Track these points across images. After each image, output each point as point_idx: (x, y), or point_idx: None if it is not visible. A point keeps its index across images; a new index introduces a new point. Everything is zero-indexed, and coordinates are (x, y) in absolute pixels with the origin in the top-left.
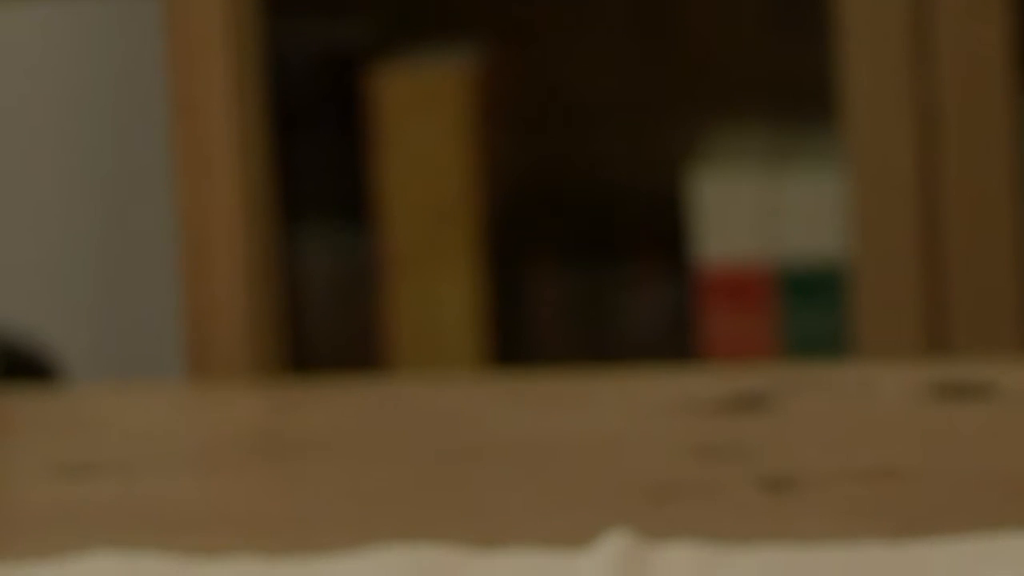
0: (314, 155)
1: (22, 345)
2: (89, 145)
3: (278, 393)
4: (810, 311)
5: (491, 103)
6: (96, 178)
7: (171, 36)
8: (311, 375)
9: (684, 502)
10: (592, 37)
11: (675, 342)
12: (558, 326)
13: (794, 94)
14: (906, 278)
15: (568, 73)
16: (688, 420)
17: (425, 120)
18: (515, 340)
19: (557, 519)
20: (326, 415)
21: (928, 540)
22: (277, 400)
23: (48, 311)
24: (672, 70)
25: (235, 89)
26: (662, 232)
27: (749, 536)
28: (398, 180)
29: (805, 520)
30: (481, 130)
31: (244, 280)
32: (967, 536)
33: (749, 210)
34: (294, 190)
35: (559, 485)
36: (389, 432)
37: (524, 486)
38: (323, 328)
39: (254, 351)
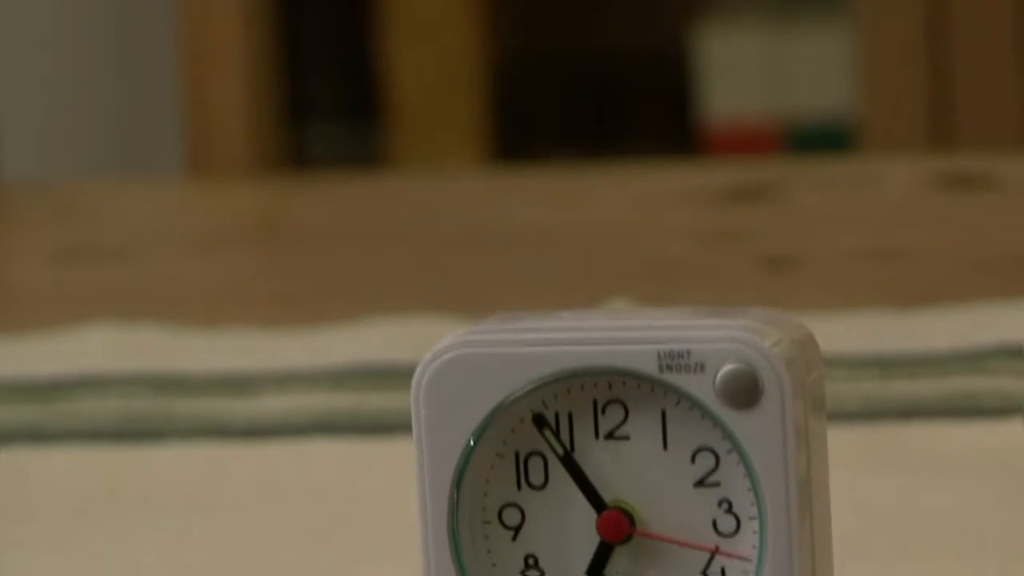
0: None
1: None
2: None
3: (277, 187)
4: None
5: None
6: None
7: None
8: (311, 174)
9: (686, 280)
10: None
11: None
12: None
13: None
14: (912, 79)
15: None
16: (691, 209)
17: None
18: None
19: (557, 297)
20: (326, 206)
21: (929, 311)
22: (276, 193)
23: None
24: None
25: None
26: (667, 90)
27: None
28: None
29: (806, 295)
30: None
31: (244, 79)
32: (968, 307)
33: (755, 67)
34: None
35: (560, 268)
36: (389, 220)
37: (525, 269)
38: (324, 130)
39: (253, 153)
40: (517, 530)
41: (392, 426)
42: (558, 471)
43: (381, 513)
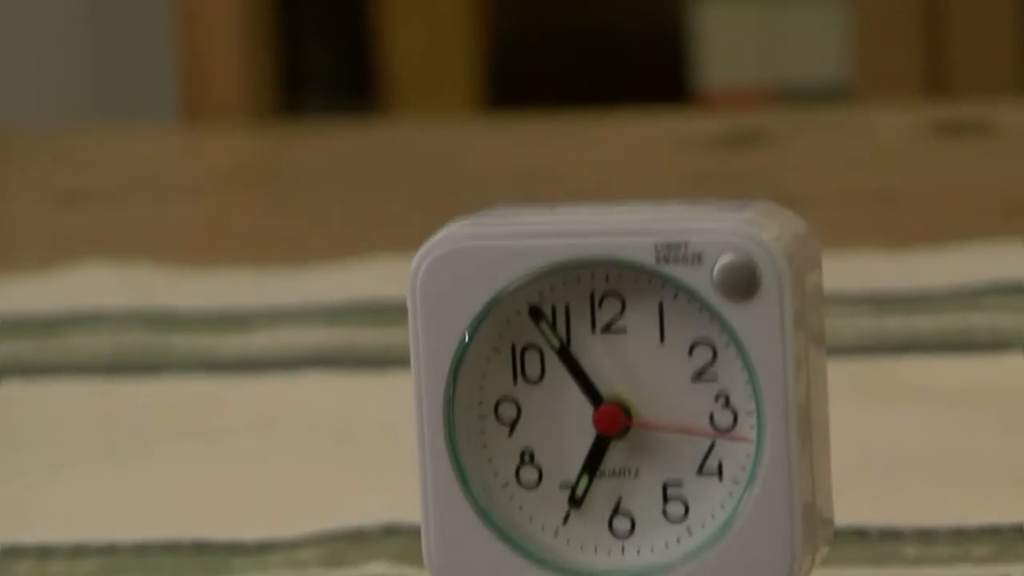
0: None
1: None
2: None
3: (272, 132)
4: None
5: None
6: None
7: None
8: (306, 119)
9: None
10: None
11: None
12: None
13: None
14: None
15: None
16: (686, 154)
17: None
18: None
19: None
20: (320, 150)
21: (924, 251)
22: (271, 138)
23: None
24: None
25: None
26: (663, 64)
27: None
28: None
29: None
30: None
31: (240, 39)
32: (962, 248)
33: (750, 38)
34: None
35: None
36: (383, 165)
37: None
38: (319, 98)
39: (249, 99)
40: (513, 425)
41: (386, 360)
42: (554, 365)
43: (376, 442)
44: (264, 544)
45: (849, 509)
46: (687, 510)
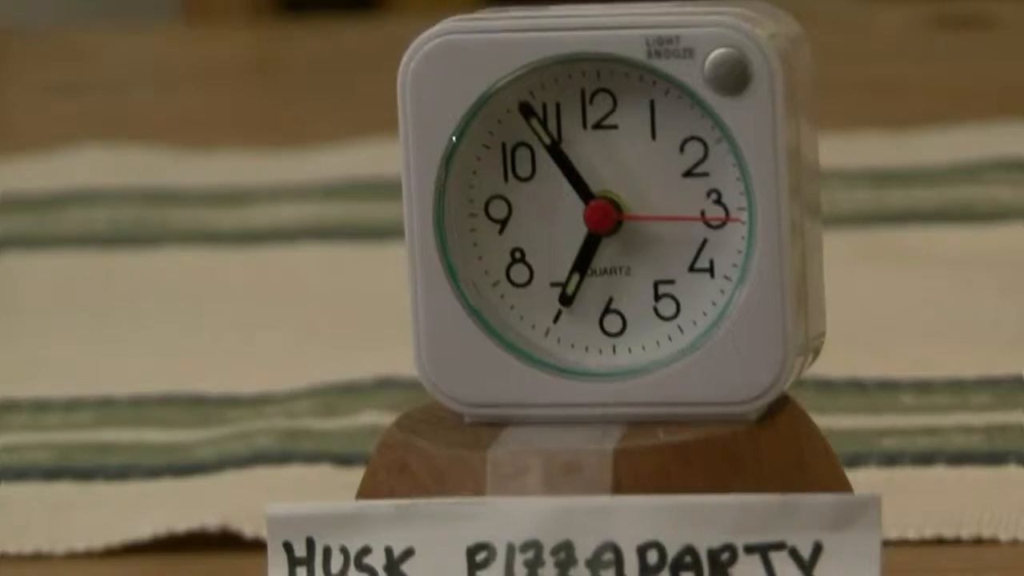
0: None
1: None
2: None
3: (274, 28)
4: None
5: None
6: None
7: None
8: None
9: None
10: None
11: None
12: None
13: None
14: None
15: None
16: None
17: None
18: None
19: None
20: (321, 44)
21: (924, 132)
22: (273, 33)
23: None
24: None
25: None
26: None
27: None
28: None
29: None
30: None
31: None
32: (963, 128)
33: None
34: None
35: None
36: (384, 58)
37: None
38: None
39: (249, 3)
40: (504, 223)
41: (383, 232)
42: (545, 162)
43: (371, 307)
44: (259, 397)
45: (847, 364)
46: (678, 308)
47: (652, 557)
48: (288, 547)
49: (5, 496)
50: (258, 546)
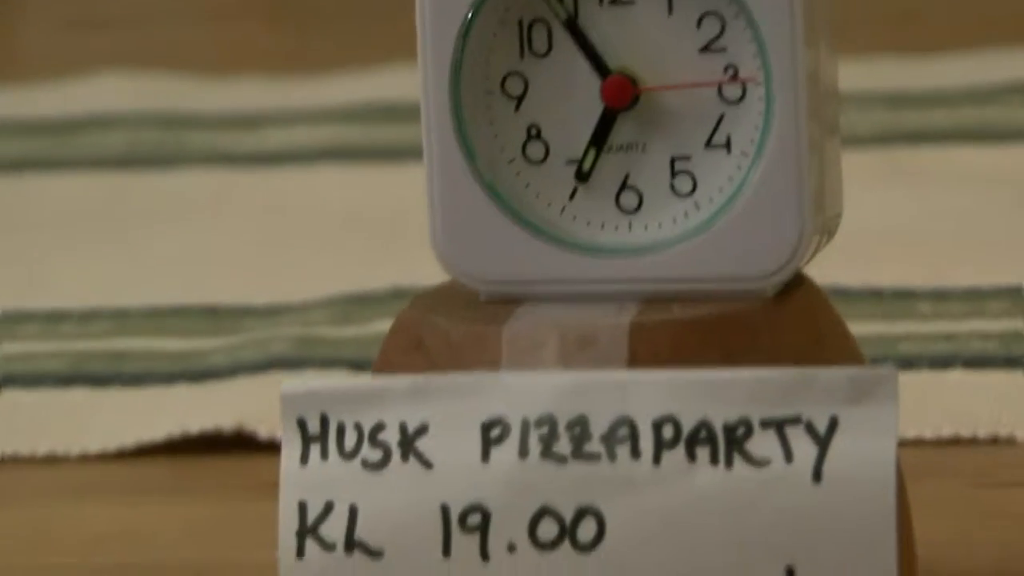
0: None
1: None
2: None
3: None
4: None
5: None
6: None
7: None
8: None
9: None
10: None
11: None
12: None
13: None
14: None
15: None
16: None
17: None
18: None
19: None
20: None
21: (941, 57)
22: None
23: None
24: None
25: None
26: None
27: None
28: None
29: None
30: None
31: None
32: (979, 54)
33: None
34: None
35: None
36: None
37: None
38: None
39: None
40: (520, 100)
41: (399, 153)
42: (562, 38)
43: (386, 223)
44: (274, 307)
45: (865, 274)
46: (695, 184)
47: (667, 431)
48: (302, 424)
49: (19, 401)
50: (272, 448)
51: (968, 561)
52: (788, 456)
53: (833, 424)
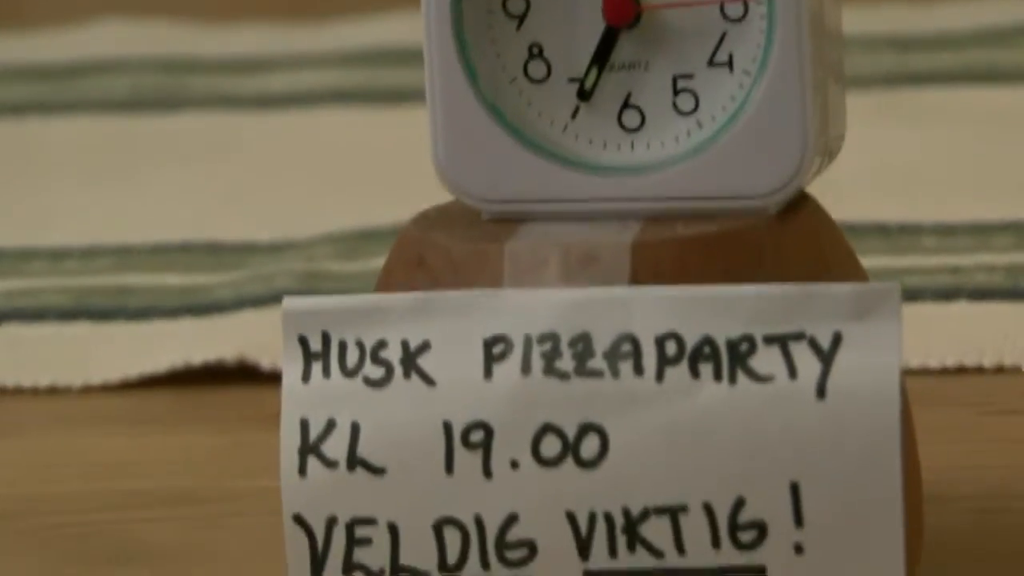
0: None
1: None
2: None
3: None
4: None
5: None
6: None
7: None
8: None
9: None
10: None
11: None
12: None
13: None
14: None
15: None
16: None
17: None
18: None
19: None
20: None
21: (951, 3)
22: None
23: None
24: None
25: None
26: None
27: None
28: None
29: None
30: None
31: None
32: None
33: None
34: None
35: None
36: None
37: None
38: None
39: None
40: (522, 19)
41: (402, 96)
42: None
43: (389, 163)
44: (278, 244)
45: (870, 209)
46: (697, 103)
47: (670, 348)
48: (303, 341)
49: (22, 335)
50: (275, 379)
51: (974, 485)
52: (792, 372)
53: (837, 340)
